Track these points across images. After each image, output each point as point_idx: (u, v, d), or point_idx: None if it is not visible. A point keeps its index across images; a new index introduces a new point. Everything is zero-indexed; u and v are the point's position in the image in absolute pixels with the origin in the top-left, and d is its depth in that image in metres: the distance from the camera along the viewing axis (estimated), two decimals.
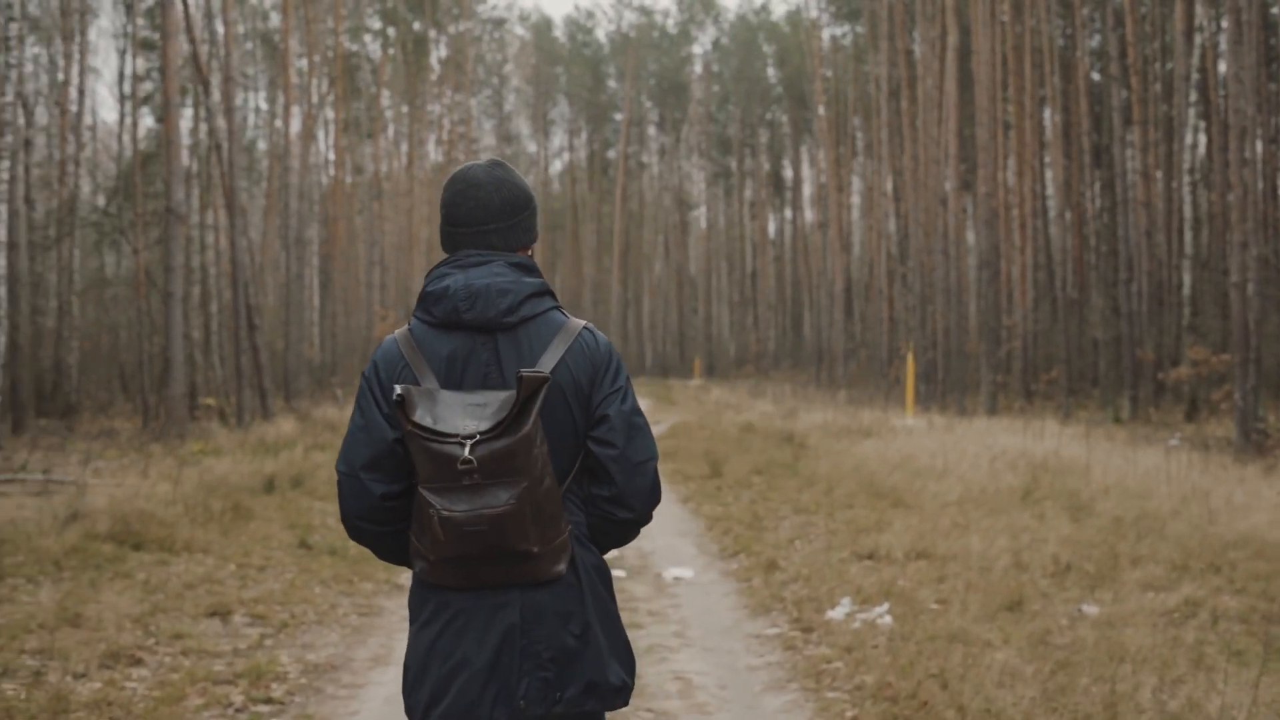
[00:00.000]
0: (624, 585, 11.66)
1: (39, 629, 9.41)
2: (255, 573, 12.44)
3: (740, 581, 11.76)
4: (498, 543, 3.33)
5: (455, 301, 3.52)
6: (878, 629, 9.20)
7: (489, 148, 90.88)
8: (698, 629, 9.78)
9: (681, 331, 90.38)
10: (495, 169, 3.74)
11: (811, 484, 18.26)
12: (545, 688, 3.44)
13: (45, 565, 12.27)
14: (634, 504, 3.58)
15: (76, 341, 36.69)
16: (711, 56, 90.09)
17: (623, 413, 3.59)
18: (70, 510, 15.11)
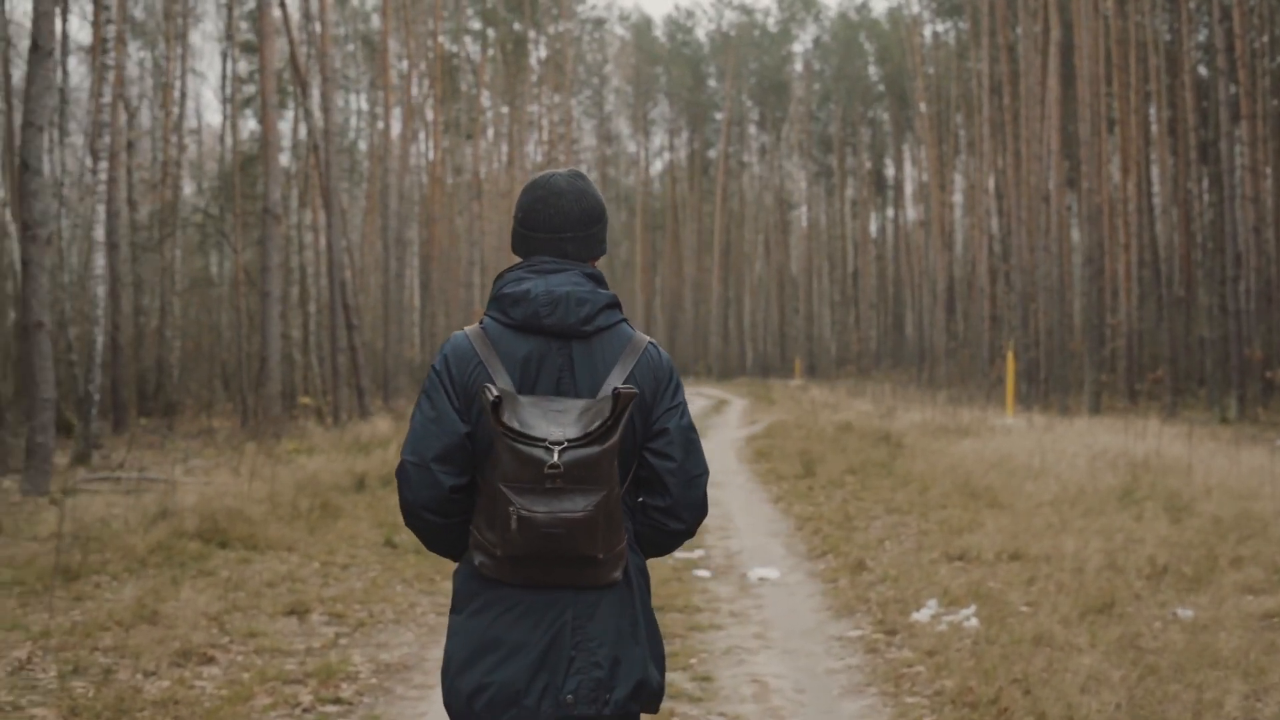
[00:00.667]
0: (708, 586, 11.46)
1: (116, 626, 9.38)
2: (338, 571, 12.37)
3: (826, 582, 11.51)
4: (570, 546, 3.41)
5: (537, 305, 3.58)
6: (963, 631, 8.94)
7: (589, 148, 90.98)
8: (779, 630, 9.56)
9: (782, 331, 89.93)
10: (576, 180, 3.80)
11: (906, 484, 17.95)
12: (597, 687, 3.50)
13: (130, 563, 12.29)
14: (686, 516, 3.69)
15: (179, 341, 37.04)
16: (812, 54, 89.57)
17: (681, 428, 3.68)
18: (160, 508, 15.17)
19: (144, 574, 11.89)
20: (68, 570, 11.74)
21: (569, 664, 3.48)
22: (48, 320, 17.68)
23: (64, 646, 8.69)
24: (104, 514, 15.48)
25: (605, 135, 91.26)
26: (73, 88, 44.08)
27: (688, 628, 9.53)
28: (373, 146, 57.16)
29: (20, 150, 17.72)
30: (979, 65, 54.20)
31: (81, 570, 11.86)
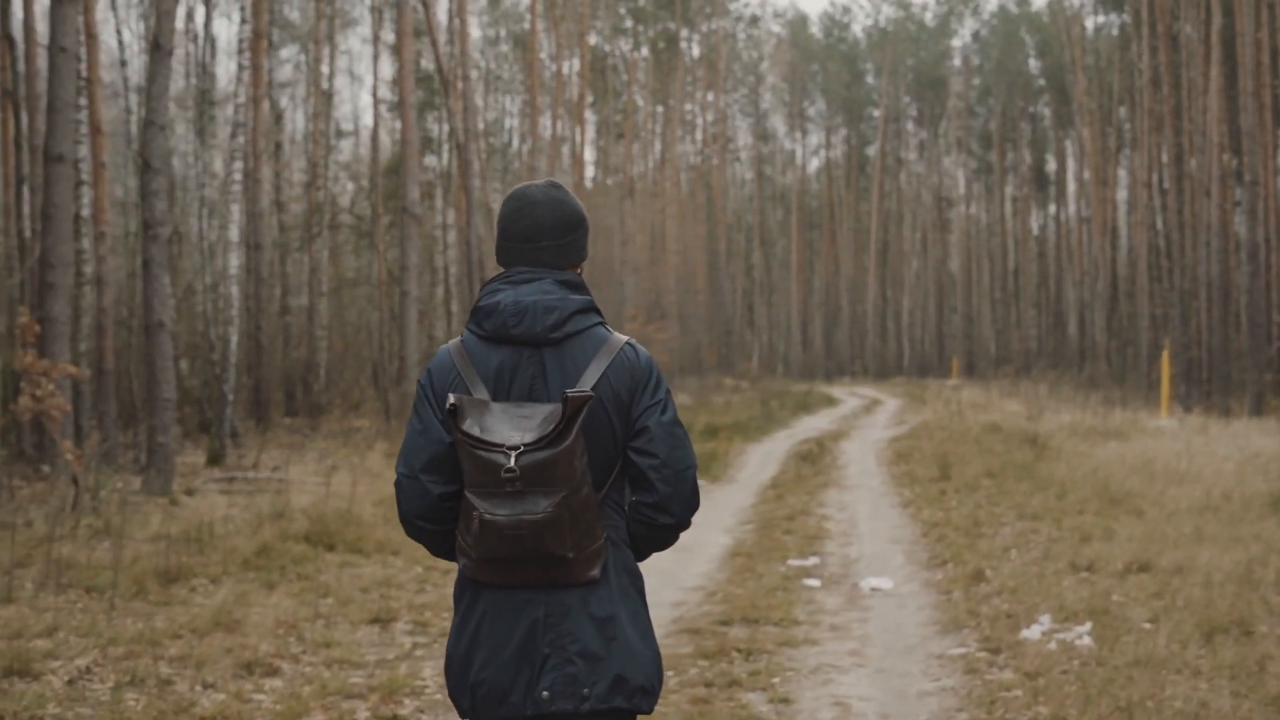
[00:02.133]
0: (815, 596, 10.93)
1: (190, 634, 9.13)
2: (438, 577, 12.06)
3: (940, 594, 10.90)
4: (535, 546, 3.51)
5: (504, 316, 3.68)
6: (1073, 651, 8.33)
7: (745, 146, 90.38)
8: (878, 647, 9.00)
9: (940, 330, 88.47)
10: (551, 189, 3.89)
11: (1044, 488, 17.19)
12: (572, 682, 3.60)
13: (231, 565, 12.10)
14: (675, 510, 3.75)
15: (326, 341, 37.19)
16: (971, 49, 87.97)
17: (663, 424, 3.74)
18: (274, 509, 15.02)
19: (243, 577, 11.69)
20: (167, 573, 11.58)
21: (544, 661, 3.60)
22: (168, 320, 17.64)
23: (130, 655, 8.44)
24: (225, 513, 15.39)
25: (761, 133, 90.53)
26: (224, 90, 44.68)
27: (779, 643, 9.01)
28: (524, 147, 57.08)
29: (141, 150, 17.69)
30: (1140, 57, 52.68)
31: (181, 573, 11.69)
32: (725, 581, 11.63)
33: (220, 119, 40.69)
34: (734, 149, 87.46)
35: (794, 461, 23.09)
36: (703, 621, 9.70)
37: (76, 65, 20.25)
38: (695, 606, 10.43)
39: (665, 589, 11.38)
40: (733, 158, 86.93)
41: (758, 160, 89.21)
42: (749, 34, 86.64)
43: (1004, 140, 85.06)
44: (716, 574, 12.13)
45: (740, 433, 29.10)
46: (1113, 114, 64.25)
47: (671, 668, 8.33)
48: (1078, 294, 73.83)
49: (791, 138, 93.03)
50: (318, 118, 41.50)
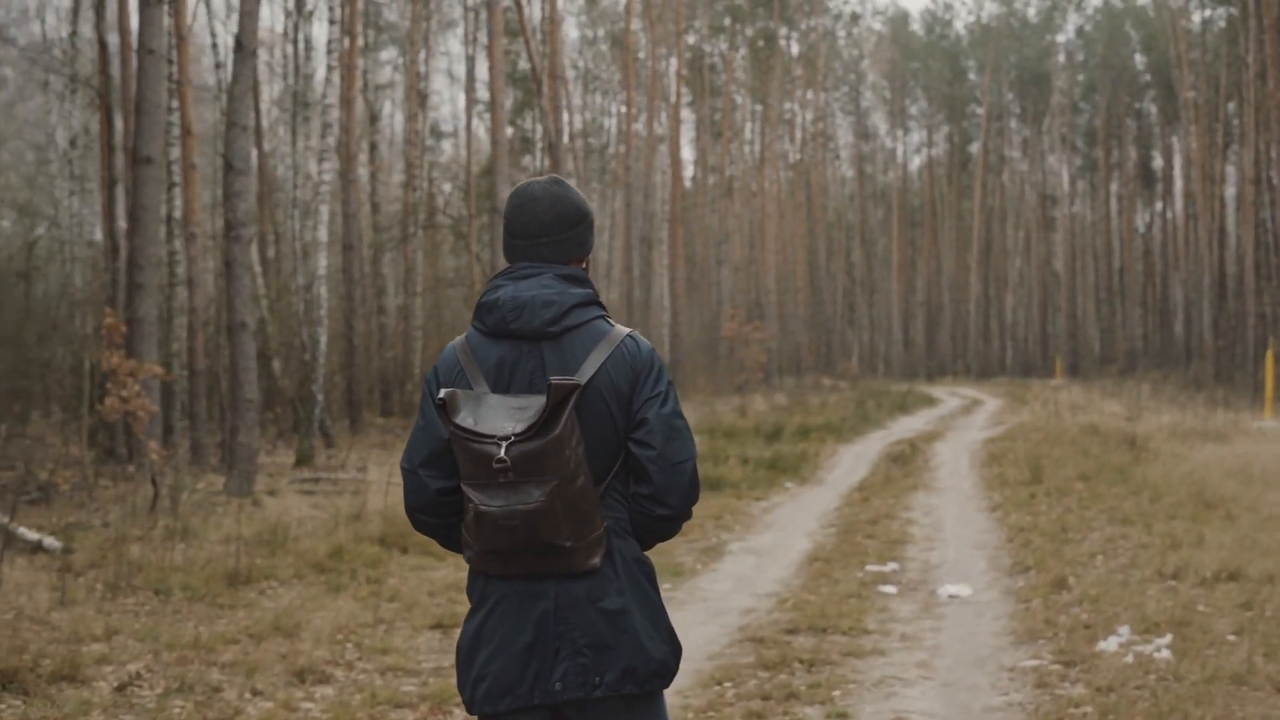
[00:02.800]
0: (889, 604, 10.64)
1: (247, 639, 9.02)
2: None
3: (1020, 602, 10.56)
4: (531, 536, 3.55)
5: (503, 312, 3.74)
6: (1151, 664, 8.00)
7: (846, 145, 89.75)
8: (948, 658, 8.71)
9: (1044, 330, 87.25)
10: (553, 185, 3.93)
11: (1137, 492, 16.75)
12: (583, 672, 3.64)
13: (303, 568, 12.04)
14: (671, 501, 3.75)
15: (421, 342, 37.22)
16: (1075, 45, 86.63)
17: (662, 415, 3.74)
18: (354, 510, 14.96)
19: (313, 580, 11.62)
20: (236, 576, 11.52)
21: (555, 654, 3.64)
22: (250, 321, 17.64)
23: (182, 661, 8.34)
24: (301, 516, 15.35)
25: (862, 132, 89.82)
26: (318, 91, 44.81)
27: (845, 653, 8.74)
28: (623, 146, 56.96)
29: (224, 150, 17.71)
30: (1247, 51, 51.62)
31: (250, 576, 11.63)
32: (800, 588, 11.37)
33: (314, 121, 40.80)
34: (834, 147, 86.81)
35: (885, 463, 22.74)
36: (769, 630, 9.46)
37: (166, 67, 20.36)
38: (765, 614, 10.19)
39: (738, 595, 11.16)
40: (833, 156, 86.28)
41: (858, 159, 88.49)
42: (849, 32, 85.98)
43: (1109, 137, 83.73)
44: (792, 580, 11.88)
45: (833, 433, 28.77)
46: (1220, 109, 63.08)
47: (730, 679, 8.11)
48: (1184, 292, 72.46)
49: (893, 136, 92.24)
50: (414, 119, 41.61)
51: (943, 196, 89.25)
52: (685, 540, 14.48)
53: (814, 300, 73.58)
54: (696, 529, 15.20)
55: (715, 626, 9.81)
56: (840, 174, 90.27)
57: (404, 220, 38.19)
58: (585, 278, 3.88)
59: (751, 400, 39.35)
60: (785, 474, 21.13)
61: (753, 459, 22.39)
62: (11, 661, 7.62)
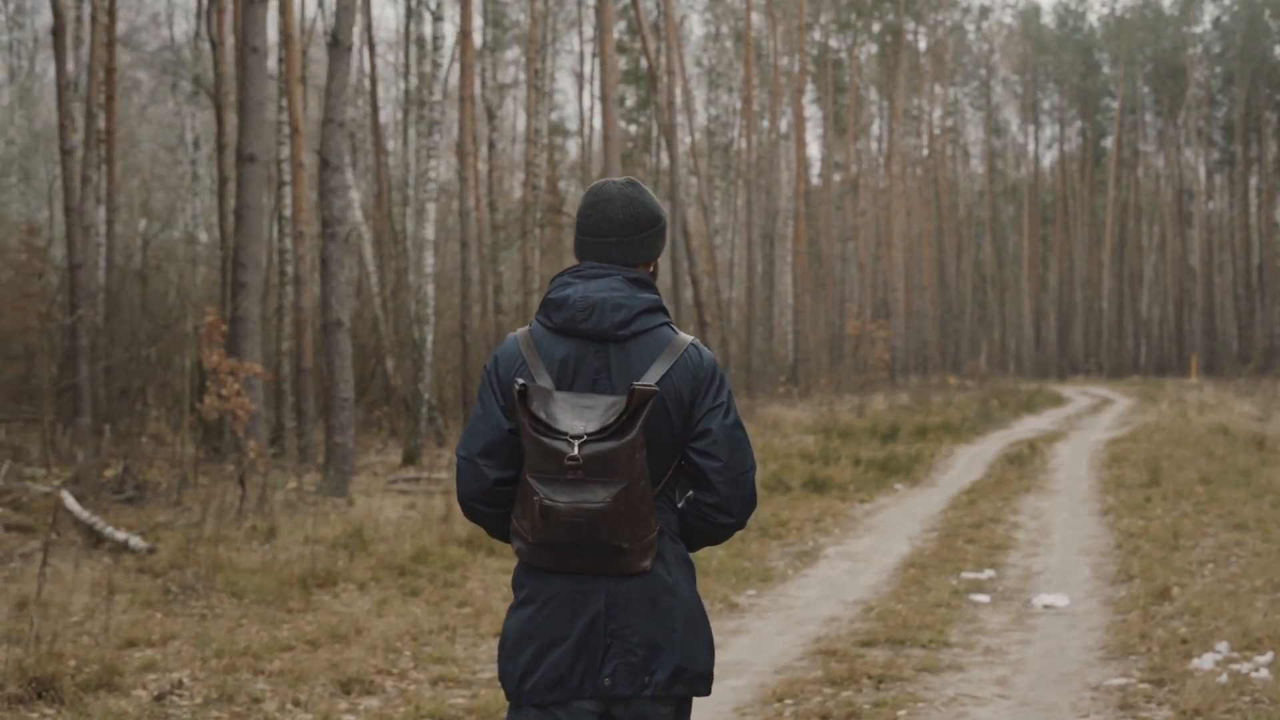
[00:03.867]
0: (979, 614, 10.14)
1: (304, 646, 8.77)
2: None
3: (1118, 614, 10.01)
4: (592, 535, 3.60)
5: (573, 310, 3.75)
6: (1247, 685, 7.47)
7: (977, 141, 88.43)
8: (1030, 674, 8.21)
9: (1179, 328, 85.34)
10: (628, 187, 3.95)
11: (1259, 496, 16.07)
12: (633, 671, 3.68)
13: (384, 571, 11.81)
14: (735, 510, 3.82)
15: None
16: (1212, 36, 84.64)
17: (725, 426, 3.79)
18: (444, 512, 14.73)
19: (392, 583, 11.38)
20: (314, 578, 11.32)
21: (605, 651, 3.68)
22: (345, 319, 17.48)
23: (230, 668, 8.10)
24: (393, 517, 15.16)
25: (994, 127, 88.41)
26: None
27: (920, 668, 8.28)
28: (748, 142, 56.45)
29: (319, 147, 17.59)
30: None
31: (329, 578, 11.42)
32: (889, 595, 10.92)
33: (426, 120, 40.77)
34: (964, 143, 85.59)
35: (1000, 464, 22.10)
36: (846, 642, 9.02)
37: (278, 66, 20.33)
38: (846, 624, 9.76)
39: (824, 603, 10.74)
40: (962, 152, 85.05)
41: (989, 154, 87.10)
42: (979, 26, 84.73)
43: (1247, 130, 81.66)
44: (883, 587, 11.42)
45: (951, 434, 28.12)
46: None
47: (792, 695, 7.70)
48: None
49: (1024, 131, 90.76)
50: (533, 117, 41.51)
51: (1075, 192, 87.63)
52: (780, 544, 14.09)
53: (942, 298, 72.55)
54: (794, 532, 14.78)
55: (793, 636, 9.40)
56: (970, 170, 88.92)
57: (521, 218, 38.05)
58: (652, 282, 3.92)
59: (872, 399, 38.73)
60: (896, 475, 20.61)
61: (865, 459, 21.89)
62: (49, 668, 7.42)
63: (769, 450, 23.01)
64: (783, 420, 30.48)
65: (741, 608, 10.60)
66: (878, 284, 65.03)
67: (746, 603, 10.82)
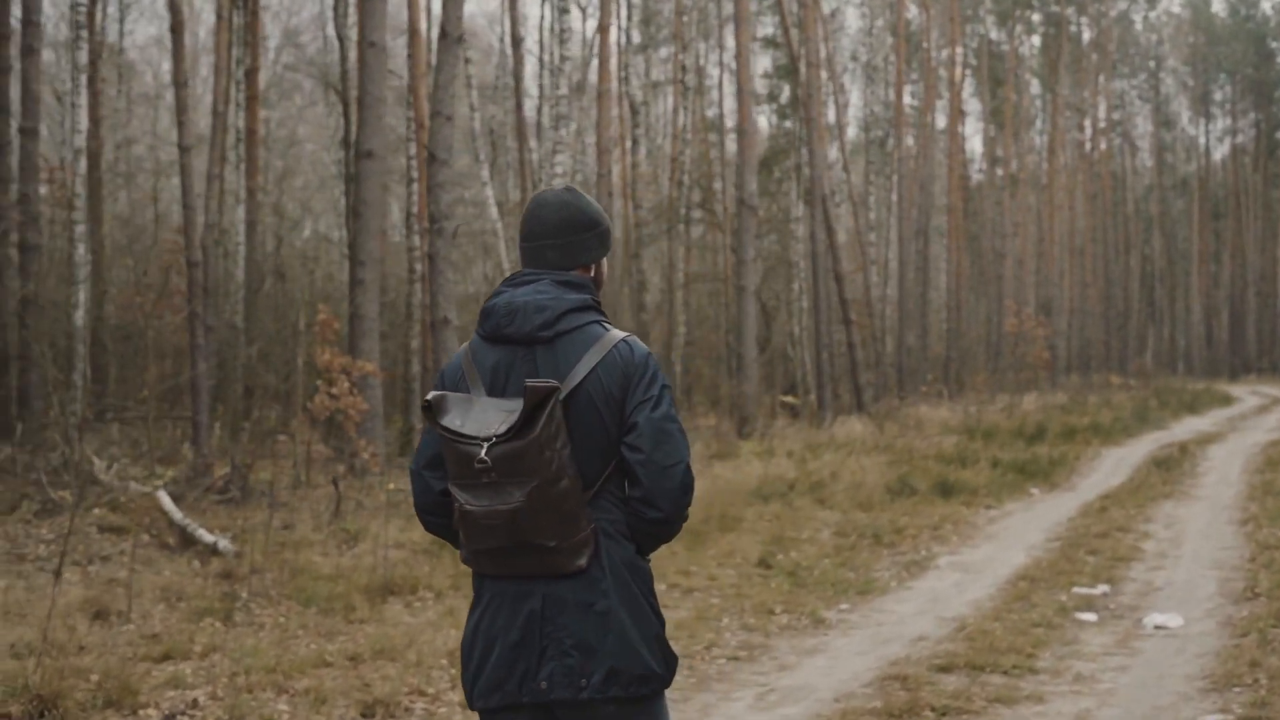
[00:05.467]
0: (1080, 635, 9.37)
1: (343, 661, 8.34)
2: (677, 596, 11.03)
3: (1234, 637, 9.17)
4: (513, 536, 3.61)
5: (499, 317, 3.82)
6: None
7: (1144, 135, 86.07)
8: (1117, 708, 7.45)
9: None
10: (565, 193, 4.00)
11: None
12: (569, 673, 3.66)
13: (464, 578, 11.34)
14: (661, 504, 3.76)
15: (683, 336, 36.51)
16: None
17: (652, 419, 3.75)
18: None
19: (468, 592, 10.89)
20: (389, 586, 10.93)
21: (541, 653, 3.68)
22: (454, 317, 17.09)
23: (253, 687, 7.67)
24: None
25: (1163, 120, 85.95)
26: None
27: (994, 699, 7.56)
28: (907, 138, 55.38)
29: (427, 141, 17.25)
30: None
31: (404, 586, 11.02)
32: (989, 613, 10.19)
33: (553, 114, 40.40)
34: (1131, 136, 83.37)
35: (1146, 468, 21.06)
36: (922, 666, 8.34)
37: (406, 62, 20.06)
38: (932, 645, 9.07)
39: (919, 619, 10.06)
40: (1129, 145, 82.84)
41: (1157, 148, 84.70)
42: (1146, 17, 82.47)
43: None
44: (986, 602, 10.69)
45: (1100, 435, 27.04)
46: None
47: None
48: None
49: (1195, 123, 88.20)
50: (677, 112, 41.05)
51: (1248, 186, 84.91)
52: (891, 553, 13.42)
53: (1107, 295, 70.66)
54: (908, 540, 14.07)
55: (872, 658, 8.75)
56: (1138, 164, 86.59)
57: (664, 214, 37.58)
58: (585, 283, 3.92)
59: (1023, 399, 37.60)
60: (1033, 479, 19.75)
61: (1004, 462, 21.04)
62: (56, 685, 7.05)
63: (902, 451, 22.23)
64: (926, 420, 29.61)
65: (828, 624, 9.96)
66: (1039, 281, 63.42)
67: (835, 618, 10.17)
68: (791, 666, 8.58)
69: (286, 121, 52.82)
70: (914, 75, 58.32)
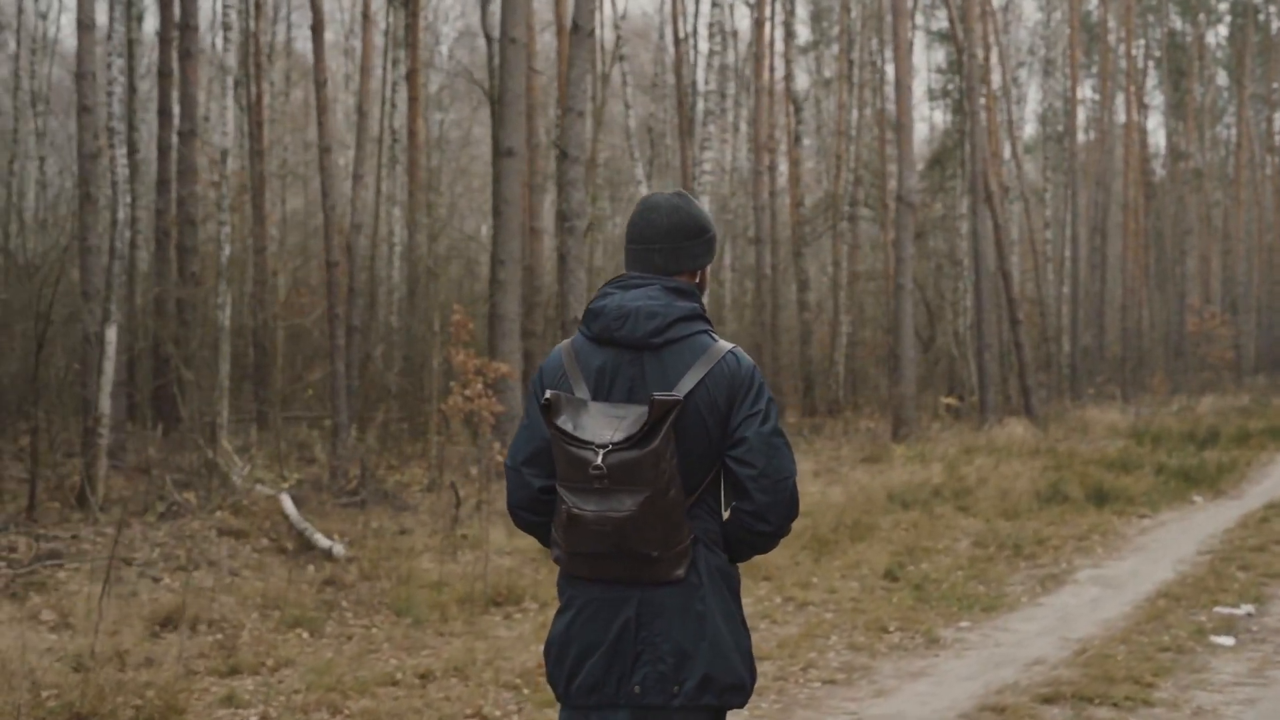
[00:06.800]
0: (1212, 662, 8.62)
1: (413, 679, 7.98)
2: (790, 611, 10.52)
3: None
4: (620, 543, 3.62)
5: (608, 320, 3.79)
6: None
7: None
8: None
9: None
10: (675, 198, 3.98)
11: None
12: (662, 680, 3.67)
13: None
14: (772, 518, 3.76)
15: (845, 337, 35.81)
16: None
17: (761, 434, 3.74)
18: None
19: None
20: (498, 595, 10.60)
21: (635, 658, 3.68)
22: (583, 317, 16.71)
23: (311, 705, 7.35)
24: None
25: None
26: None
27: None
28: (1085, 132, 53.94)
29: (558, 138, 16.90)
30: None
31: (511, 596, 10.68)
32: (1118, 633, 9.49)
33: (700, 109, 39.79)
34: None
35: None
36: (1028, 696, 7.71)
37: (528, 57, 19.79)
38: (1047, 670, 8.43)
39: (1041, 640, 9.42)
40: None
41: None
42: None
43: None
44: (1118, 622, 10.00)
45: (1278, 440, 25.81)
46: None
47: None
48: None
49: None
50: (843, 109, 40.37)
51: None
52: (1030, 565, 12.75)
53: None
54: (1050, 552, 13.36)
55: (979, 684, 8.15)
56: None
57: (826, 212, 36.92)
58: (692, 290, 3.90)
59: (1200, 401, 36.24)
60: (1198, 486, 18.82)
61: (1169, 467, 20.11)
62: (99, 704, 6.78)
63: (1063, 456, 21.37)
64: (1094, 423, 28.59)
65: (942, 643, 9.36)
66: (1225, 278, 61.39)
67: (951, 637, 9.57)
68: (889, 692, 8.03)
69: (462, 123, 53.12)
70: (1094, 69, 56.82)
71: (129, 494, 15.61)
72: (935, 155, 43.84)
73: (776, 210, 35.43)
